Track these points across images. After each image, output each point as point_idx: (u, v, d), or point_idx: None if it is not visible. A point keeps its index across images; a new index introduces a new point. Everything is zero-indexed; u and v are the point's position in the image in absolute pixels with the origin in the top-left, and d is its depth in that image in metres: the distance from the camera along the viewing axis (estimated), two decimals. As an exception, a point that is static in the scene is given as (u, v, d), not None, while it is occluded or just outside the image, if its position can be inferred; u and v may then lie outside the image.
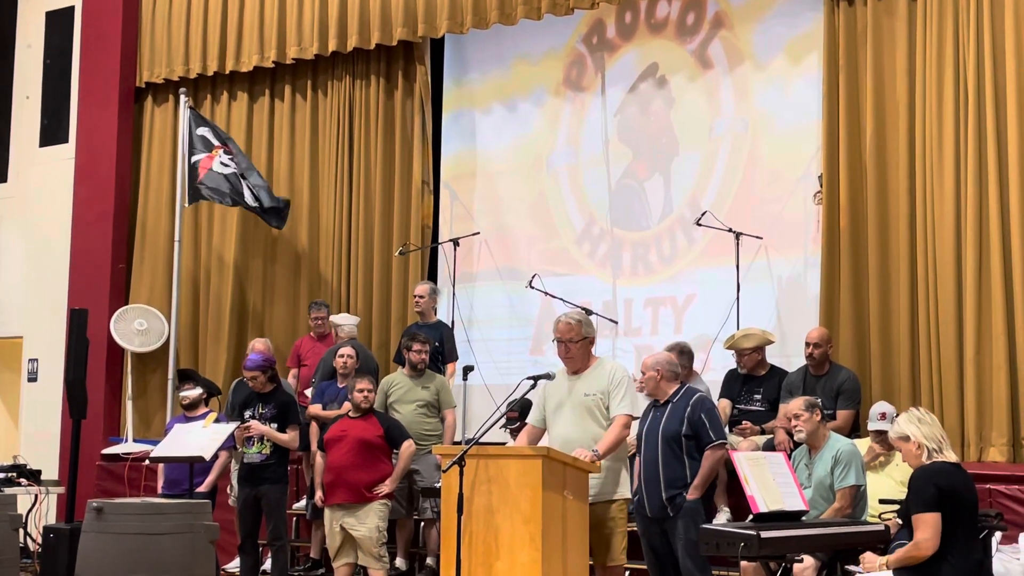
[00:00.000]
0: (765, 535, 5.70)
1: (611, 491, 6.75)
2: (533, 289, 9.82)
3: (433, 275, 11.00)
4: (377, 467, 8.12)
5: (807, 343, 8.16)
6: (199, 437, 8.50)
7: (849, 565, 6.26)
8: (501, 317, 10.82)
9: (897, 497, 6.61)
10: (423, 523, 8.95)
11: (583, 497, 6.47)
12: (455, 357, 9.82)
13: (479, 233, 10.90)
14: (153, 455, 8.90)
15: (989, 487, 7.43)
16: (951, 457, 5.63)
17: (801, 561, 6.17)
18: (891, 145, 8.81)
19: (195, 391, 9.36)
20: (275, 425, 8.53)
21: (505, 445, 7.69)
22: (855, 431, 7.87)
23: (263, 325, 11.60)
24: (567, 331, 6.86)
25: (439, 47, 11.42)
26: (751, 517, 5.98)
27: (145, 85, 12.38)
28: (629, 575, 7.98)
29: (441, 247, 11.02)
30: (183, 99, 11.58)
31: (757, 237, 9.39)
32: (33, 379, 12.62)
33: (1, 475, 9.73)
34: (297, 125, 11.75)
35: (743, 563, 6.30)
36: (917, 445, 5.62)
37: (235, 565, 9.24)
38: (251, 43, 11.63)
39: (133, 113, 12.44)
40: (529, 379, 6.74)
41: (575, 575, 6.35)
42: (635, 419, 6.82)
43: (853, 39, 9.02)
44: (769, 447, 7.78)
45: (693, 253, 9.97)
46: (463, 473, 6.19)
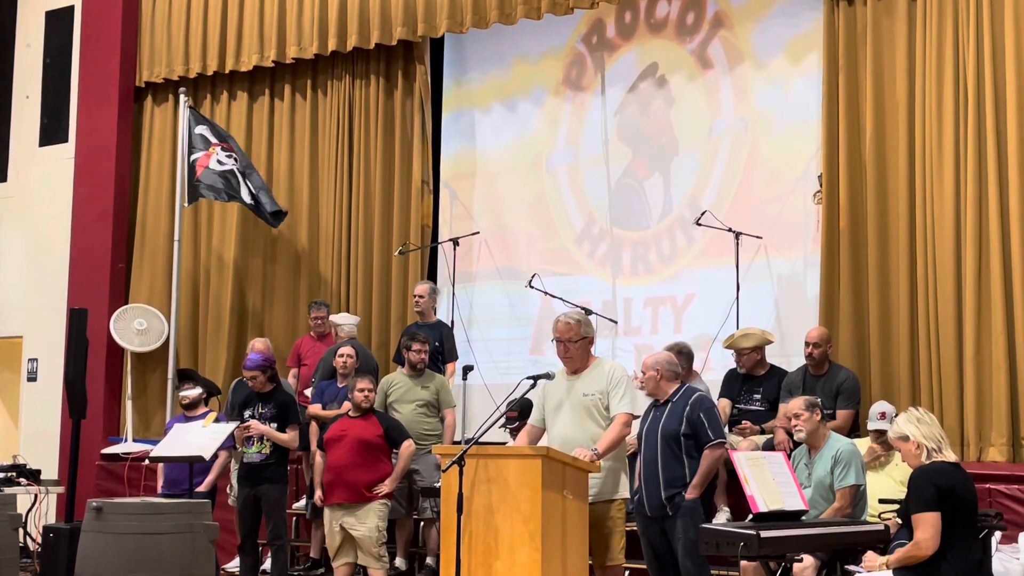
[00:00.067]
0: (765, 535, 5.70)
1: (610, 491, 6.75)
2: (533, 289, 9.82)
3: (433, 275, 11.00)
4: (377, 467, 8.12)
5: (807, 343, 8.16)
6: (199, 437, 8.50)
7: (849, 565, 6.26)
8: (501, 317, 10.82)
9: (897, 497, 6.62)
10: (423, 523, 8.95)
11: (583, 497, 6.47)
12: (455, 357, 9.82)
13: (479, 233, 10.90)
14: (153, 455, 8.89)
15: (989, 487, 7.44)
16: (950, 457, 5.63)
17: (801, 561, 6.17)
18: (891, 145, 8.80)
19: (195, 391, 9.35)
20: (275, 425, 8.52)
21: (505, 445, 7.68)
22: (855, 431, 7.87)
23: (263, 325, 11.59)
24: (566, 331, 6.86)
25: (439, 47, 11.41)
26: (751, 517, 5.98)
27: (145, 85, 12.38)
28: (629, 574, 7.98)
29: (441, 247, 11.01)
30: (183, 99, 11.58)
31: (757, 237, 9.38)
32: (33, 379, 12.61)
33: (1, 475, 9.72)
34: (297, 125, 11.75)
35: (743, 563, 6.30)
36: (916, 445, 5.62)
37: (235, 565, 9.23)
38: (251, 43, 11.63)
39: (133, 113, 12.43)
40: (529, 379, 6.74)
41: (575, 575, 6.36)
42: (636, 418, 6.82)
43: (853, 39, 9.01)
44: (769, 447, 7.79)
45: (693, 253, 9.97)
46: (463, 473, 6.20)
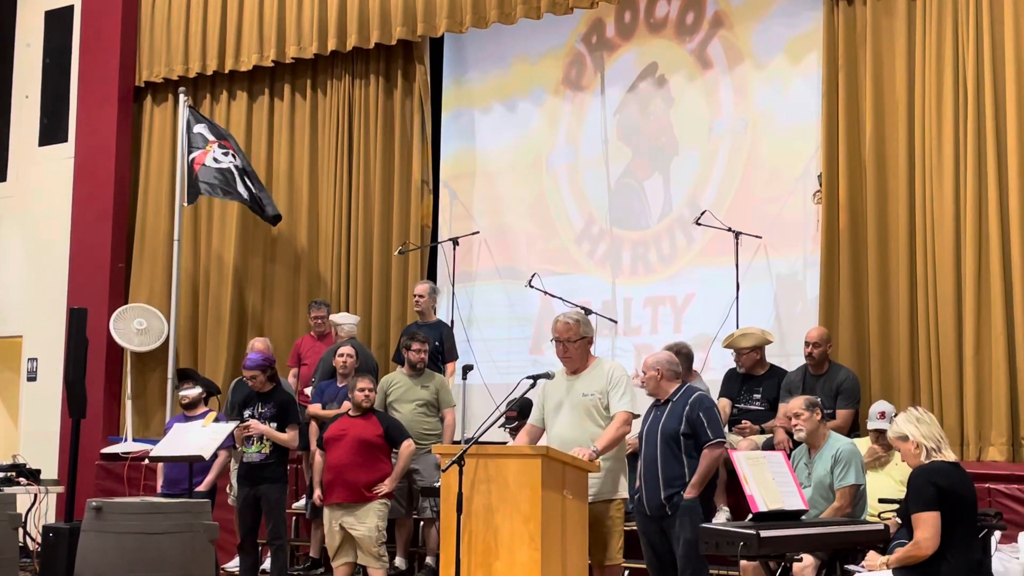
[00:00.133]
0: (764, 534, 5.70)
1: (610, 491, 6.75)
2: (532, 288, 9.82)
3: (432, 274, 10.99)
4: (376, 466, 8.12)
5: (806, 342, 8.16)
6: (198, 436, 8.49)
7: (849, 564, 6.26)
8: (500, 316, 10.82)
9: (896, 496, 6.61)
10: (422, 522, 8.95)
11: (582, 496, 6.47)
12: (455, 356, 9.82)
13: (478, 232, 10.90)
14: (152, 454, 8.89)
15: (988, 486, 7.44)
16: (950, 456, 5.63)
17: (800, 560, 6.17)
18: (890, 144, 8.80)
19: (194, 390, 9.35)
20: (274, 424, 8.52)
21: (505, 445, 7.68)
22: (854, 430, 7.87)
23: (262, 324, 11.59)
24: (565, 331, 6.86)
25: (438, 46, 11.41)
26: (750, 516, 5.98)
27: (144, 84, 12.37)
28: (628, 574, 7.99)
29: (440, 246, 11.01)
30: (182, 98, 11.58)
31: (756, 236, 9.38)
32: (32, 378, 12.62)
33: (1, 474, 9.72)
34: (296, 124, 11.75)
35: (742, 562, 6.29)
36: (916, 445, 5.62)
37: (234, 564, 9.23)
38: (250, 42, 11.63)
39: (132, 112, 12.43)
40: (528, 378, 6.74)
41: (574, 574, 6.36)
42: (636, 417, 6.82)
43: (852, 39, 9.02)
44: (768, 446, 7.79)
45: (692, 252, 9.97)
46: (462, 472, 6.20)
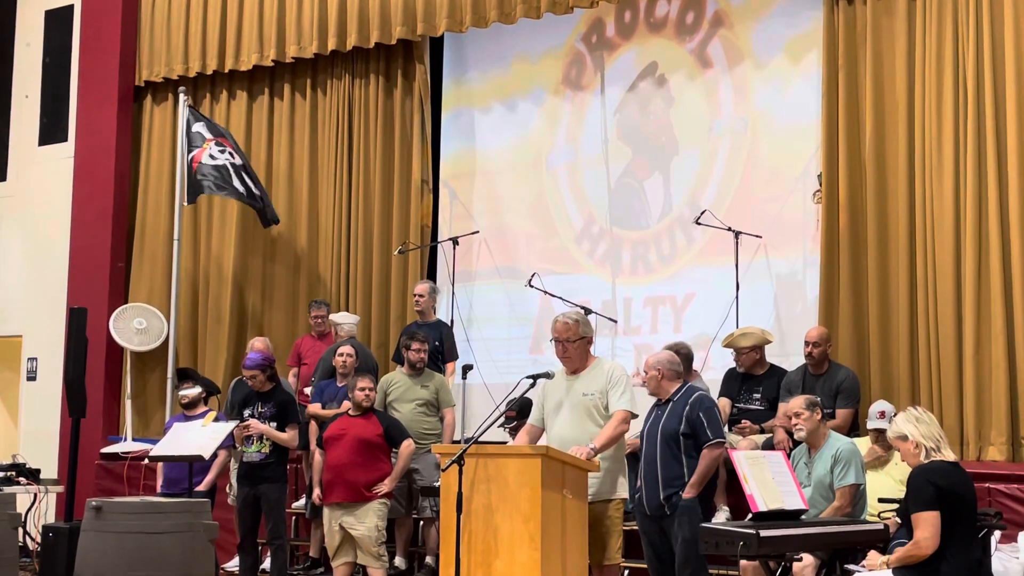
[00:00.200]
0: (764, 534, 5.70)
1: (608, 491, 6.74)
2: (532, 288, 9.82)
3: (432, 274, 10.99)
4: (376, 466, 8.11)
5: (806, 342, 8.16)
6: (198, 436, 8.49)
7: (848, 564, 6.26)
8: (500, 316, 10.81)
9: (896, 496, 6.61)
10: (422, 522, 8.95)
11: (582, 496, 6.47)
12: (455, 356, 9.82)
13: (478, 232, 10.89)
14: (152, 454, 8.88)
15: (988, 486, 7.44)
16: (949, 456, 5.63)
17: (800, 560, 6.17)
18: (890, 144, 8.80)
19: (194, 390, 9.34)
20: (274, 424, 8.52)
21: (505, 444, 7.68)
22: (854, 430, 7.87)
23: (262, 324, 11.59)
24: (564, 331, 6.86)
25: (438, 46, 11.41)
26: (750, 516, 5.98)
27: (144, 84, 12.37)
28: (628, 574, 7.99)
29: (440, 246, 11.01)
30: (182, 98, 11.58)
31: (756, 236, 9.38)
32: (32, 378, 12.61)
33: (0, 474, 9.72)
34: (296, 124, 11.75)
35: (742, 562, 6.29)
36: (915, 444, 5.62)
37: (234, 564, 9.23)
38: (250, 42, 11.62)
39: (132, 112, 12.43)
40: (528, 378, 6.74)
41: (574, 574, 6.35)
42: (634, 416, 6.81)
43: (852, 38, 9.01)
44: (768, 446, 7.78)
45: (692, 252, 9.97)
46: (462, 472, 6.20)
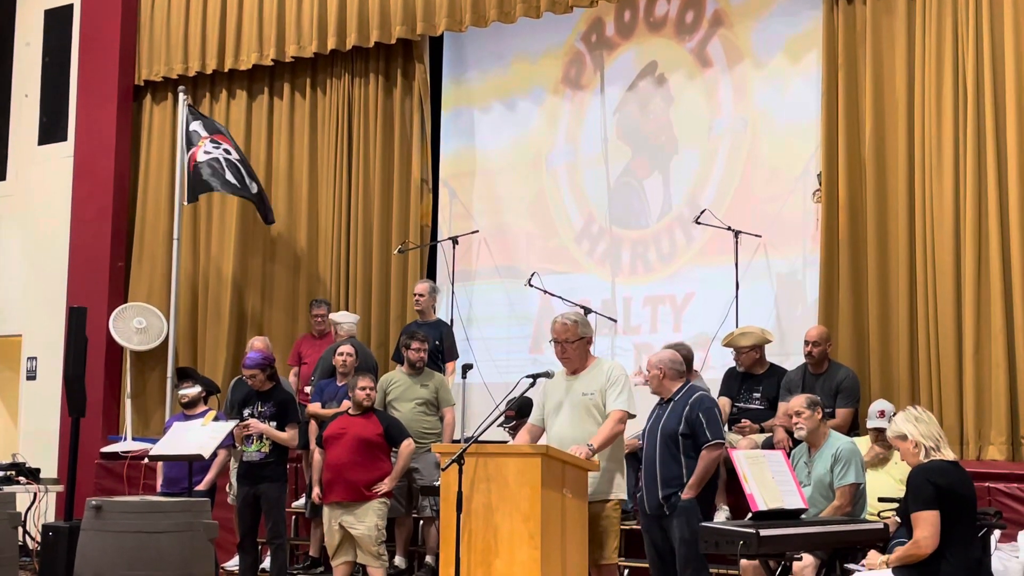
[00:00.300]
0: (764, 533, 5.70)
1: (606, 491, 6.74)
2: (532, 287, 9.83)
3: (432, 273, 10.99)
4: (376, 465, 8.12)
5: (806, 341, 8.16)
6: (198, 435, 8.49)
7: (848, 563, 6.26)
8: (500, 315, 10.81)
9: (896, 495, 6.61)
10: (422, 521, 8.95)
11: (582, 495, 6.47)
12: (455, 355, 9.82)
13: (478, 231, 10.89)
14: (152, 453, 8.88)
15: (988, 485, 7.44)
16: (949, 455, 5.63)
17: (800, 559, 6.17)
18: (890, 143, 8.80)
19: (194, 389, 9.34)
20: (274, 423, 8.52)
21: (505, 444, 7.68)
22: (854, 429, 7.87)
23: (262, 323, 11.59)
24: (563, 331, 6.86)
25: (438, 45, 11.41)
26: (750, 515, 5.98)
27: (144, 83, 12.37)
28: (628, 573, 7.99)
29: (440, 245, 11.00)
30: (182, 97, 11.58)
31: (756, 235, 9.38)
32: (32, 377, 12.61)
33: (0, 473, 9.72)
34: (296, 123, 11.74)
35: (742, 561, 6.29)
36: (914, 444, 5.62)
37: (234, 563, 9.23)
38: (250, 41, 11.62)
39: (132, 111, 12.43)
40: (528, 377, 6.75)
41: (574, 573, 6.36)
42: (631, 417, 6.81)
43: (852, 38, 9.01)
44: (768, 445, 7.79)
45: (692, 251, 9.97)
46: (462, 471, 6.20)
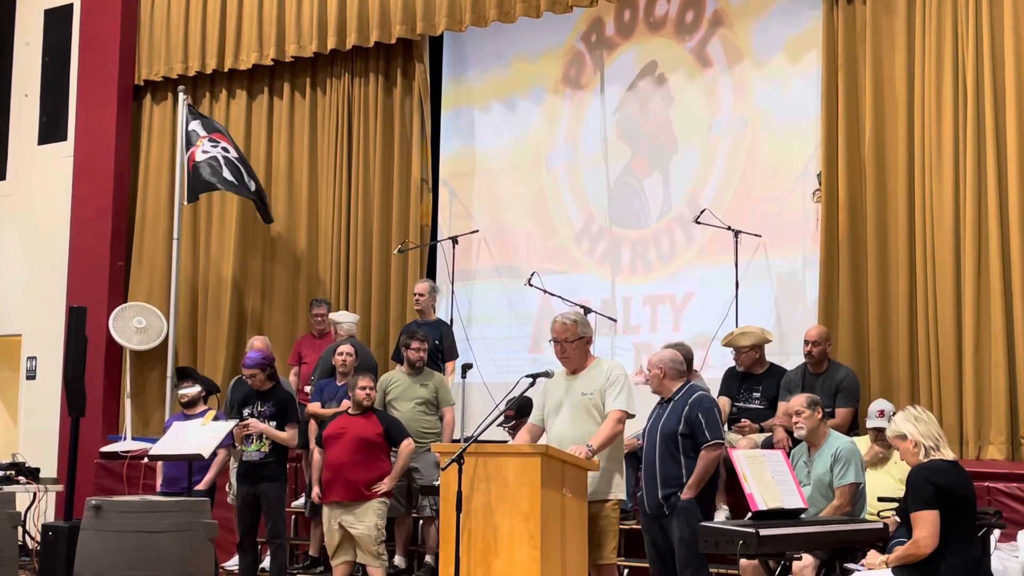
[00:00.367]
0: (764, 533, 5.70)
1: (605, 491, 6.74)
2: (532, 287, 9.83)
3: (432, 273, 10.99)
4: (376, 465, 8.12)
5: (806, 341, 8.16)
6: (198, 435, 8.49)
7: (848, 563, 6.26)
8: (500, 315, 10.82)
9: (896, 495, 6.61)
10: (422, 521, 8.95)
11: (582, 495, 6.47)
12: (454, 355, 9.82)
13: (478, 231, 10.89)
14: (152, 453, 8.88)
15: (988, 485, 7.45)
16: (948, 455, 5.63)
17: (800, 559, 6.17)
18: (890, 143, 8.80)
19: (194, 389, 9.34)
20: (274, 423, 8.52)
21: (505, 443, 7.68)
22: (854, 429, 7.87)
23: (261, 323, 11.59)
24: (562, 331, 6.86)
25: (438, 45, 11.41)
26: (750, 515, 5.98)
27: (144, 83, 12.37)
28: (628, 573, 7.99)
29: (440, 245, 11.00)
30: (182, 97, 11.58)
31: (756, 235, 9.38)
32: (32, 377, 12.61)
33: (0, 473, 9.71)
34: (296, 123, 11.74)
35: (742, 561, 6.29)
36: (914, 443, 5.62)
37: (234, 563, 9.23)
38: (250, 41, 11.62)
39: (132, 111, 12.43)
40: (528, 377, 6.75)
41: (574, 573, 6.36)
42: (630, 417, 6.81)
43: (852, 37, 9.01)
44: (768, 445, 7.79)
45: (692, 251, 9.97)
46: (462, 471, 6.20)
